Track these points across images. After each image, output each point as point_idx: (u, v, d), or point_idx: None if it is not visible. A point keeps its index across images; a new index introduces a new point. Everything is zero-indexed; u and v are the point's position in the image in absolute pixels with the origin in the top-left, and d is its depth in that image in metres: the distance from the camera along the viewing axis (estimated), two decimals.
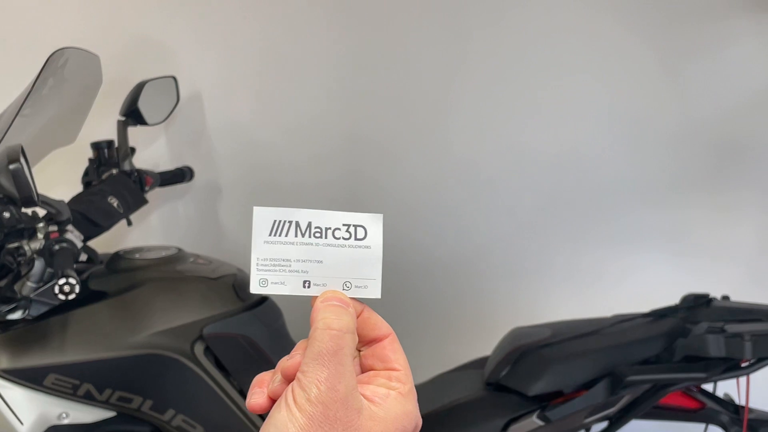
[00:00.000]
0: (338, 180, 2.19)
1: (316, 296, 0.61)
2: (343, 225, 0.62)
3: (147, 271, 1.57)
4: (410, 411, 0.58)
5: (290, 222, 0.62)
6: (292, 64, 2.14)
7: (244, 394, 1.53)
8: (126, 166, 1.76)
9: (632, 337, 1.52)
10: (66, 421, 1.45)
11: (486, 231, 2.19)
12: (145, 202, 1.73)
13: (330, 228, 0.62)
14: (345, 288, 0.62)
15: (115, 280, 1.55)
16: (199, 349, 1.50)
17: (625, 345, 1.50)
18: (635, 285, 2.14)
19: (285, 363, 0.59)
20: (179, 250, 1.67)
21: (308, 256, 0.62)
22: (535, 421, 1.47)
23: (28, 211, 1.46)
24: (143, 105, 1.77)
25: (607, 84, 2.08)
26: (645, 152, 2.11)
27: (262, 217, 0.62)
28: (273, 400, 0.59)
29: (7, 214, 1.36)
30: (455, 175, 2.17)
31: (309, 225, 0.62)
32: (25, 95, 1.42)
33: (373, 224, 0.63)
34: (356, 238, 0.62)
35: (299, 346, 0.60)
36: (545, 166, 2.14)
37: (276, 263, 0.62)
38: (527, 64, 2.09)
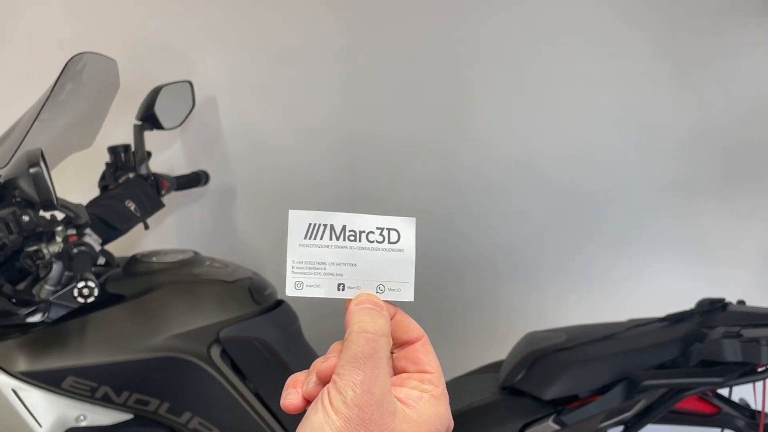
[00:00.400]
0: (352, 182, 2.20)
1: (350, 299, 0.62)
2: (377, 228, 0.63)
3: (164, 274, 1.57)
4: (442, 413, 0.59)
5: (325, 225, 0.63)
6: (305, 66, 2.15)
7: (260, 398, 1.54)
8: (142, 170, 1.76)
9: (648, 341, 1.51)
10: (84, 424, 1.45)
11: (498, 235, 2.18)
12: (161, 205, 1.74)
13: (364, 231, 0.63)
14: (378, 291, 0.63)
15: (133, 284, 1.55)
16: (215, 352, 1.50)
17: (641, 349, 1.50)
18: (649, 290, 2.14)
19: (320, 365, 0.59)
20: (195, 253, 1.68)
21: (342, 259, 0.63)
22: (550, 425, 1.47)
23: (47, 214, 1.47)
24: (159, 109, 1.77)
25: (620, 88, 2.08)
26: (659, 157, 2.11)
27: (298, 220, 0.63)
28: (307, 401, 0.60)
29: (26, 218, 1.37)
30: (466, 178, 2.17)
31: (343, 228, 0.63)
32: (44, 100, 1.44)
33: (407, 227, 0.64)
34: (389, 242, 0.63)
35: (334, 348, 0.61)
36: (558, 170, 2.14)
37: (311, 266, 0.62)
38: (540, 67, 2.09)
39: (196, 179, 1.94)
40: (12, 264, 1.44)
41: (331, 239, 0.62)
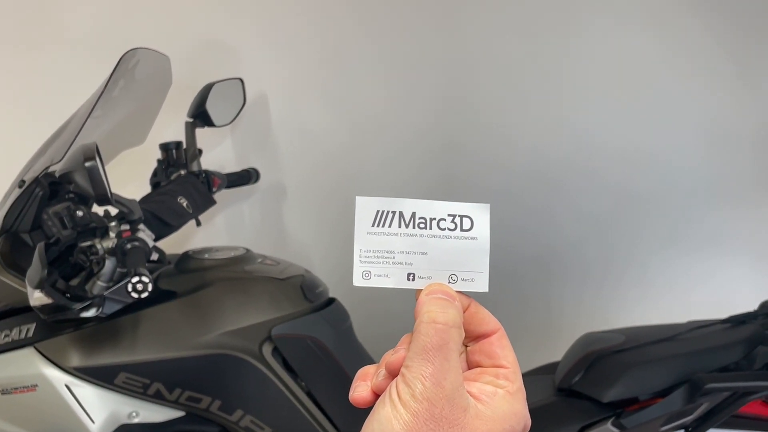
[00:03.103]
0: (404, 182, 2.18)
1: (421, 289, 0.59)
2: (449, 215, 0.60)
3: (216, 271, 1.57)
4: (519, 410, 0.56)
5: (394, 212, 0.60)
6: (359, 63, 2.14)
7: (311, 396, 1.52)
8: (194, 167, 1.76)
9: (710, 343, 1.47)
10: (136, 420, 1.45)
11: (554, 234, 2.15)
12: (213, 202, 1.73)
13: (435, 218, 0.60)
14: (451, 281, 0.60)
15: (185, 280, 1.55)
16: (267, 349, 1.49)
17: (703, 351, 1.45)
18: (711, 290, 2.09)
19: (389, 357, 0.57)
20: (247, 250, 1.67)
21: (412, 248, 0.60)
22: (609, 428, 1.43)
23: (100, 210, 1.47)
24: (211, 106, 1.77)
25: (684, 82, 2.04)
26: (722, 153, 2.06)
27: (365, 207, 0.60)
28: (377, 395, 0.57)
29: (80, 213, 1.37)
30: (522, 175, 2.14)
31: (413, 215, 0.60)
32: (97, 96, 1.44)
33: (480, 214, 0.61)
34: (462, 229, 0.60)
35: (404, 340, 0.58)
36: (617, 166, 2.10)
37: (379, 255, 0.60)
38: (599, 61, 2.06)
39: (246, 177, 1.93)
40: (66, 259, 1.44)
41: (400, 227, 0.60)
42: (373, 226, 0.60)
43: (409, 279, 0.60)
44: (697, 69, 2.02)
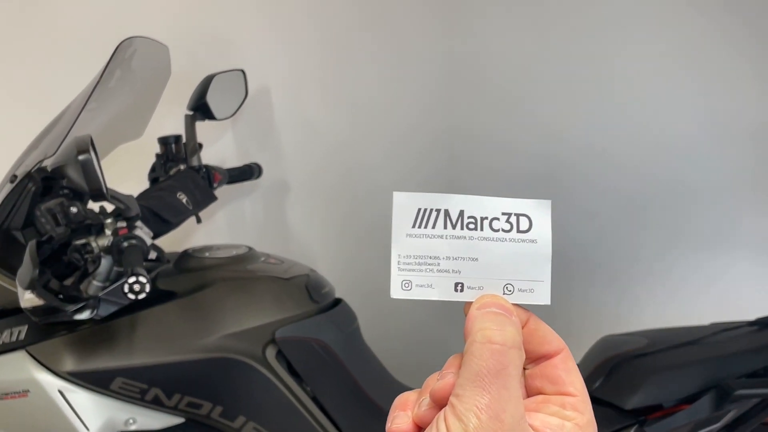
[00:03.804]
0: (409, 175, 2.13)
1: (471, 302, 0.51)
2: (503, 214, 0.52)
3: (217, 270, 1.52)
4: None
5: (438, 210, 0.52)
6: (363, 55, 2.08)
7: (317, 401, 1.47)
8: (194, 162, 1.71)
9: (738, 347, 1.41)
10: (133, 428, 1.40)
11: (568, 235, 2.09)
12: (214, 198, 1.68)
13: (487, 218, 0.52)
14: (506, 292, 0.52)
15: (184, 280, 1.50)
16: (270, 352, 1.44)
17: (731, 356, 1.39)
18: (731, 291, 2.03)
19: (434, 383, 0.49)
20: (250, 249, 1.62)
21: (460, 253, 0.52)
22: None
23: (96, 206, 1.42)
24: (211, 99, 1.72)
25: (689, 77, 1.98)
26: (740, 150, 2.00)
27: (404, 204, 0.52)
28: (419, 427, 0.50)
29: (74, 209, 1.32)
30: (533, 174, 2.08)
31: (461, 214, 0.52)
32: (92, 87, 1.39)
33: (540, 212, 0.52)
34: (519, 230, 0.52)
35: (451, 362, 0.50)
36: (631, 164, 2.04)
37: (422, 261, 0.52)
38: (602, 57, 2.00)
39: (248, 172, 1.88)
40: (59, 258, 1.39)
41: (446, 228, 0.52)
42: (414, 227, 0.52)
43: (456, 290, 0.52)
44: (703, 64, 1.96)
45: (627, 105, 2.02)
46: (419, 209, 0.52)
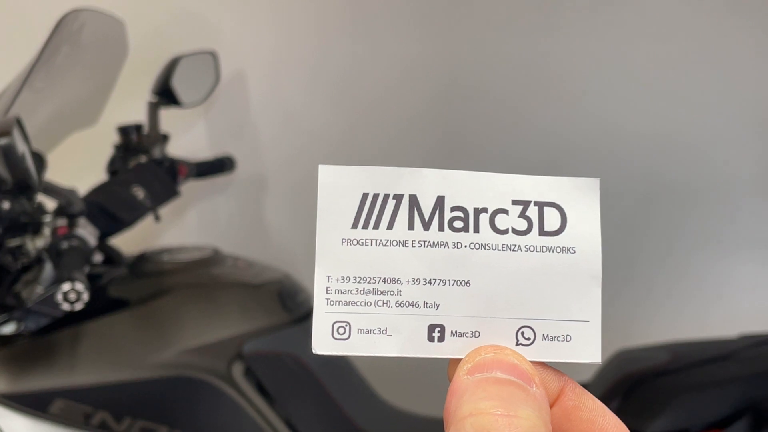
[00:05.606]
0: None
1: (457, 360, 0.30)
2: (515, 203, 0.32)
3: (176, 275, 1.41)
4: None
5: (399, 197, 0.31)
6: (351, 38, 1.97)
7: (290, 424, 1.35)
8: (156, 153, 1.58)
9: None
10: None
11: None
12: (175, 194, 1.56)
13: (486, 209, 0.31)
14: (522, 341, 0.31)
15: (139, 287, 1.39)
16: (237, 370, 1.32)
17: (767, 373, 1.25)
18: (762, 298, 1.91)
19: None
20: (215, 251, 1.50)
21: (439, 272, 0.30)
22: None
23: (35, 202, 1.27)
24: (177, 83, 1.59)
25: (729, 61, 1.86)
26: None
27: (337, 185, 0.32)
28: None
29: (6, 205, 1.17)
30: (537, 165, 1.96)
31: (439, 203, 0.31)
32: (32, 64, 1.24)
33: (581, 200, 0.32)
34: (543, 231, 0.31)
35: None
36: (646, 154, 1.92)
37: (369, 287, 0.31)
38: (631, 36, 1.88)
39: (219, 166, 1.77)
40: None
41: (412, 227, 0.31)
42: (355, 226, 0.32)
43: (432, 338, 0.31)
44: (705, 62, 1.86)
45: (641, 86, 1.92)
46: (365, 195, 0.32)
